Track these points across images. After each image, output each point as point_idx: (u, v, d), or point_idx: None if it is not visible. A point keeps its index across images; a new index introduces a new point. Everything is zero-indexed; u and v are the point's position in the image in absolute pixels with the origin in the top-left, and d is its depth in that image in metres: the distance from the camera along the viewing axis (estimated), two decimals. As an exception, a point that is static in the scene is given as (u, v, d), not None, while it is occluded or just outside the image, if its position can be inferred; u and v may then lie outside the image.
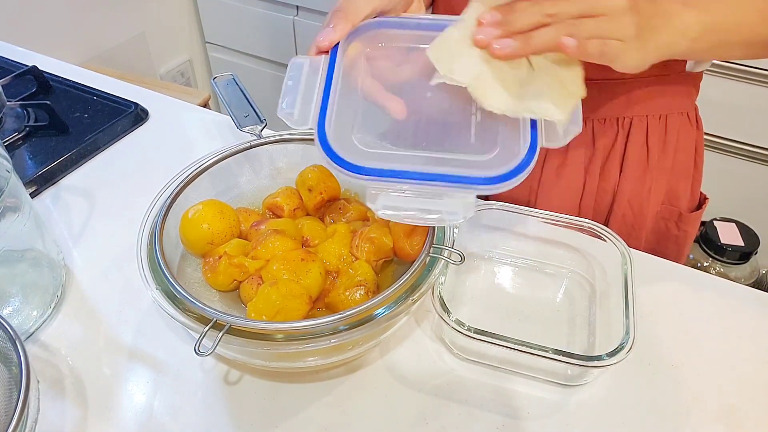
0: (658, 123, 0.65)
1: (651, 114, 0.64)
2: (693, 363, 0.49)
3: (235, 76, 0.67)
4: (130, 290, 0.55)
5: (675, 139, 0.66)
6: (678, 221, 0.70)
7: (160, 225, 0.48)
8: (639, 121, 0.64)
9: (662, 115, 0.65)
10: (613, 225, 0.69)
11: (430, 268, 0.46)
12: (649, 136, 0.65)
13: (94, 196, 0.66)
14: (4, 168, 0.48)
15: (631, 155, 0.65)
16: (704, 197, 0.72)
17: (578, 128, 0.40)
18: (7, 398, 0.40)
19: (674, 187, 0.69)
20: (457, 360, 0.49)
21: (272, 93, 1.87)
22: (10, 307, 0.51)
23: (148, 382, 0.48)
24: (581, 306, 0.54)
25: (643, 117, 0.64)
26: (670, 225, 0.70)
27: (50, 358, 0.49)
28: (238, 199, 0.58)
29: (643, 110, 0.64)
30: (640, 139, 0.65)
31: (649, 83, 0.62)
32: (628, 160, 0.66)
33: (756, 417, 0.46)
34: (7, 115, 0.75)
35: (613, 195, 0.68)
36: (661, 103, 0.64)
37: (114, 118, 0.76)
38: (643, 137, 0.65)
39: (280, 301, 0.43)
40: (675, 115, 0.65)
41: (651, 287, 0.56)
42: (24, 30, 1.37)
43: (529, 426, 0.45)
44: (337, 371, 0.49)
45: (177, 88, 1.55)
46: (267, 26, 1.70)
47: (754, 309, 0.54)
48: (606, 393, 0.47)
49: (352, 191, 0.59)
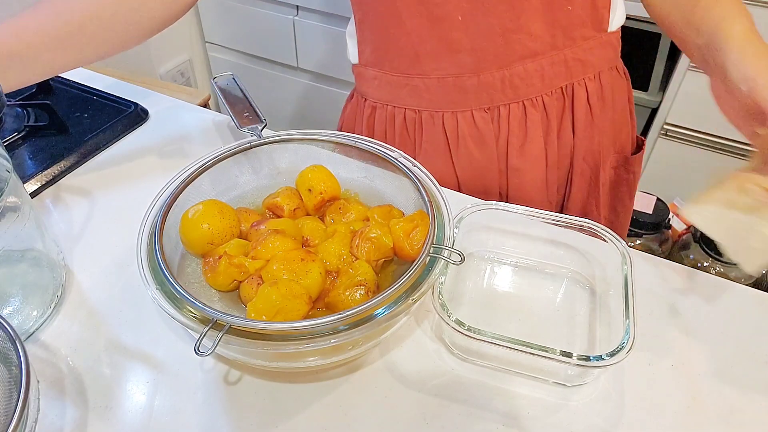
0: (594, 82, 0.71)
1: (587, 76, 0.70)
2: (693, 363, 0.49)
3: (235, 76, 0.67)
4: (130, 290, 0.55)
5: (611, 92, 0.72)
6: (626, 165, 0.77)
7: (160, 225, 0.48)
8: (578, 84, 0.70)
9: (596, 74, 0.70)
10: (576, 185, 0.76)
11: (430, 268, 0.46)
12: (590, 96, 0.71)
13: (94, 196, 0.66)
14: (4, 168, 0.48)
15: (578, 116, 0.71)
16: (642, 140, 0.81)
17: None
18: (7, 398, 0.40)
19: (617, 136, 0.76)
20: (457, 360, 0.50)
21: (272, 93, 1.87)
22: (10, 307, 0.50)
23: (148, 382, 0.48)
24: (581, 306, 0.54)
25: (581, 80, 0.70)
26: (620, 171, 0.78)
27: (50, 358, 0.49)
28: (238, 199, 0.58)
29: (581, 73, 0.69)
30: (582, 99, 0.71)
31: (582, 49, 0.68)
32: (577, 122, 0.72)
33: (756, 417, 0.46)
34: (7, 115, 0.75)
35: (571, 157, 0.74)
36: (594, 63, 0.69)
37: (114, 118, 0.76)
38: (584, 98, 0.71)
39: (280, 301, 0.43)
40: (606, 71, 0.71)
41: (651, 287, 0.56)
42: (24, 30, 1.37)
43: (529, 426, 0.45)
44: (337, 371, 0.49)
45: (177, 88, 1.55)
46: (267, 26, 1.70)
47: (754, 309, 0.54)
48: (606, 393, 0.47)
49: (352, 191, 0.59)
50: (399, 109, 0.73)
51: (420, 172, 0.54)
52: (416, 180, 0.52)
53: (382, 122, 0.75)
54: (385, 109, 0.74)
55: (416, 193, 0.52)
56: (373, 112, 0.76)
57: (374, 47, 0.71)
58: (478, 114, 0.70)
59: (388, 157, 0.55)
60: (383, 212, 0.54)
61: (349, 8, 0.73)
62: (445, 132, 0.72)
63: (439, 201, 0.51)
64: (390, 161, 0.55)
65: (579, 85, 0.70)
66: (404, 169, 0.54)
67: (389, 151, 0.56)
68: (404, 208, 0.55)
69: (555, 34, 0.65)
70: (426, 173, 0.54)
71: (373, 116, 0.76)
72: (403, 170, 0.54)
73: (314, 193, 0.55)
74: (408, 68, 0.69)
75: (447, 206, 0.50)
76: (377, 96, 0.74)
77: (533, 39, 0.65)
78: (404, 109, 0.73)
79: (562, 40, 0.66)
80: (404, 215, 0.54)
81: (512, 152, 0.72)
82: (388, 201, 0.57)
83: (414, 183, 0.52)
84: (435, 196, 0.51)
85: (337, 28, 1.57)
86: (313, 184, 0.55)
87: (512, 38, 0.64)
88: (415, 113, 0.72)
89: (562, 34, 0.66)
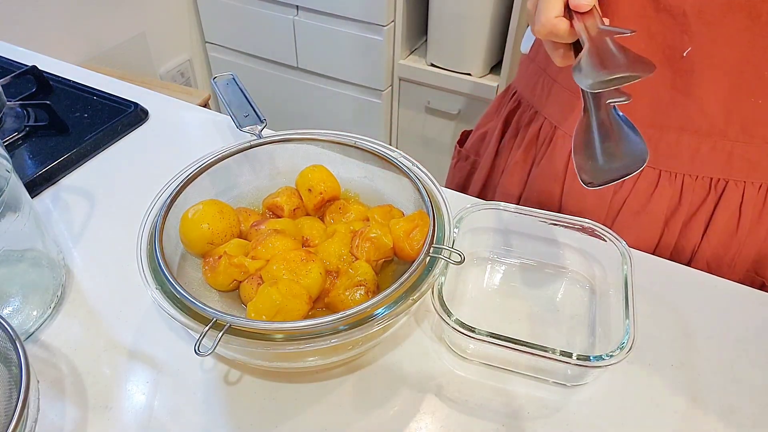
0: (757, 192, 0.59)
1: (750, 181, 0.58)
2: (693, 363, 0.49)
3: (235, 76, 0.67)
4: (130, 290, 0.55)
5: None
6: (761, 289, 0.64)
7: (160, 225, 0.48)
8: (735, 185, 0.59)
9: (763, 183, 0.58)
10: None
11: (430, 268, 0.46)
12: (744, 204, 0.59)
13: (94, 196, 0.66)
14: (4, 168, 0.48)
15: (720, 220, 0.60)
16: None
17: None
18: (7, 398, 0.40)
19: (764, 257, 0.63)
20: (457, 360, 0.50)
21: (272, 93, 1.87)
22: (10, 307, 0.50)
23: (148, 382, 0.48)
24: (581, 306, 0.54)
25: (741, 182, 0.58)
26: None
27: (50, 358, 0.49)
28: (238, 199, 0.58)
29: (743, 175, 0.58)
30: (733, 204, 0.59)
31: (754, 146, 0.57)
32: (715, 224, 0.61)
33: (756, 417, 0.46)
34: (7, 115, 0.75)
35: (692, 254, 0.64)
36: (765, 170, 0.58)
37: (114, 118, 0.76)
38: (737, 203, 0.59)
39: (280, 301, 0.43)
40: None
41: (651, 287, 0.56)
42: (24, 30, 1.37)
43: (529, 426, 0.45)
44: (337, 371, 0.49)
45: (177, 88, 1.55)
46: (267, 26, 1.70)
47: (754, 309, 0.54)
48: (606, 393, 0.47)
49: (352, 191, 0.59)
50: (539, 116, 0.69)
51: (420, 172, 0.54)
52: (416, 180, 0.52)
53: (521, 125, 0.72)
54: (531, 111, 0.71)
55: (416, 193, 0.52)
56: (517, 108, 0.74)
57: None
58: None
59: (388, 157, 0.55)
60: (383, 212, 0.54)
61: (349, 8, 0.73)
62: (569, 157, 0.65)
63: (439, 201, 0.51)
64: (390, 161, 0.55)
65: (735, 185, 0.59)
66: (404, 169, 0.54)
67: (389, 151, 0.56)
68: (404, 208, 0.55)
69: (732, 121, 0.55)
70: (426, 173, 0.54)
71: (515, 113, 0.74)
72: (403, 170, 0.54)
73: (314, 193, 0.55)
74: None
75: (447, 206, 0.50)
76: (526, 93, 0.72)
77: (703, 115, 0.56)
78: (544, 118, 0.68)
79: (736, 133, 0.56)
80: (404, 215, 0.54)
81: (624, 214, 0.64)
82: (388, 201, 0.57)
83: (414, 183, 0.52)
84: (435, 196, 0.51)
85: (337, 28, 1.57)
86: (313, 184, 0.55)
87: (678, 101, 0.56)
88: (550, 128, 0.68)
89: (740, 126, 0.55)
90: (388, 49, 1.55)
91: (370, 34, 1.53)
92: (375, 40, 1.54)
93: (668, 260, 0.59)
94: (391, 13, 1.49)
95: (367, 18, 1.50)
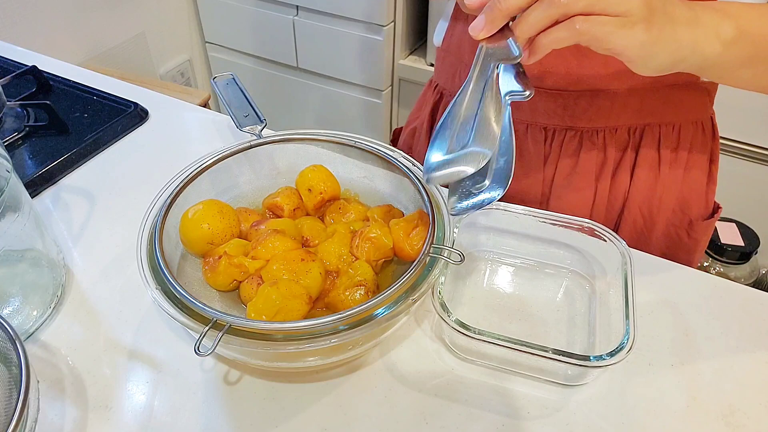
0: (671, 133, 0.63)
1: (663, 123, 0.62)
2: (693, 363, 0.49)
3: (235, 76, 0.67)
4: (130, 290, 0.55)
5: (688, 148, 0.64)
6: (689, 229, 0.68)
7: (160, 225, 0.48)
8: (651, 130, 0.62)
9: (675, 124, 0.62)
10: (623, 231, 0.68)
11: (430, 268, 0.46)
12: (661, 146, 0.63)
13: (94, 196, 0.66)
14: (4, 168, 0.48)
15: (642, 164, 0.64)
16: (717, 206, 0.70)
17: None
18: (7, 398, 0.40)
19: (686, 195, 0.67)
20: (457, 360, 0.50)
21: (272, 93, 1.87)
22: (10, 307, 0.50)
23: (148, 382, 0.48)
24: (581, 306, 0.54)
25: (656, 126, 0.62)
26: (680, 232, 0.69)
27: (50, 358, 0.49)
28: (238, 199, 0.58)
29: (656, 119, 0.62)
30: (651, 148, 0.63)
31: (662, 92, 0.60)
32: (639, 169, 0.64)
33: (756, 417, 0.46)
34: (7, 115, 0.75)
35: (624, 202, 0.67)
36: (674, 112, 0.62)
37: (114, 118, 0.76)
38: (654, 146, 0.63)
39: (280, 301, 0.43)
40: (688, 124, 0.63)
41: (651, 287, 0.56)
42: (24, 30, 1.37)
43: (529, 426, 0.45)
44: (337, 371, 0.49)
45: (177, 88, 1.55)
46: (267, 26, 1.70)
47: (754, 309, 0.54)
48: (606, 393, 0.47)
49: (352, 191, 0.59)
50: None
51: (420, 172, 0.54)
52: (416, 180, 0.52)
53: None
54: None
55: (416, 193, 0.52)
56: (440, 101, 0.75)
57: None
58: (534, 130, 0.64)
59: (388, 157, 0.55)
60: (383, 212, 0.54)
61: (349, 8, 0.73)
62: None
63: (439, 201, 0.51)
64: (390, 161, 0.55)
65: (651, 129, 0.62)
66: (404, 169, 0.54)
67: (389, 151, 0.56)
68: (404, 208, 0.55)
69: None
70: (426, 173, 0.54)
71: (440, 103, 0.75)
72: (403, 170, 0.54)
73: (314, 193, 0.55)
74: None
75: (447, 206, 0.50)
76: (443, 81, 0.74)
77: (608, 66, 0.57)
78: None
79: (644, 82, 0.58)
80: (404, 215, 0.54)
81: (558, 177, 0.67)
82: (388, 201, 0.57)
83: (414, 183, 0.52)
84: (435, 196, 0.51)
85: (337, 29, 1.57)
86: (313, 184, 0.55)
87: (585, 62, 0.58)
88: None
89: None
90: (388, 49, 1.55)
91: (370, 34, 1.53)
92: (375, 40, 1.53)
93: (668, 260, 0.59)
94: (391, 14, 1.49)
95: (367, 18, 1.50)
